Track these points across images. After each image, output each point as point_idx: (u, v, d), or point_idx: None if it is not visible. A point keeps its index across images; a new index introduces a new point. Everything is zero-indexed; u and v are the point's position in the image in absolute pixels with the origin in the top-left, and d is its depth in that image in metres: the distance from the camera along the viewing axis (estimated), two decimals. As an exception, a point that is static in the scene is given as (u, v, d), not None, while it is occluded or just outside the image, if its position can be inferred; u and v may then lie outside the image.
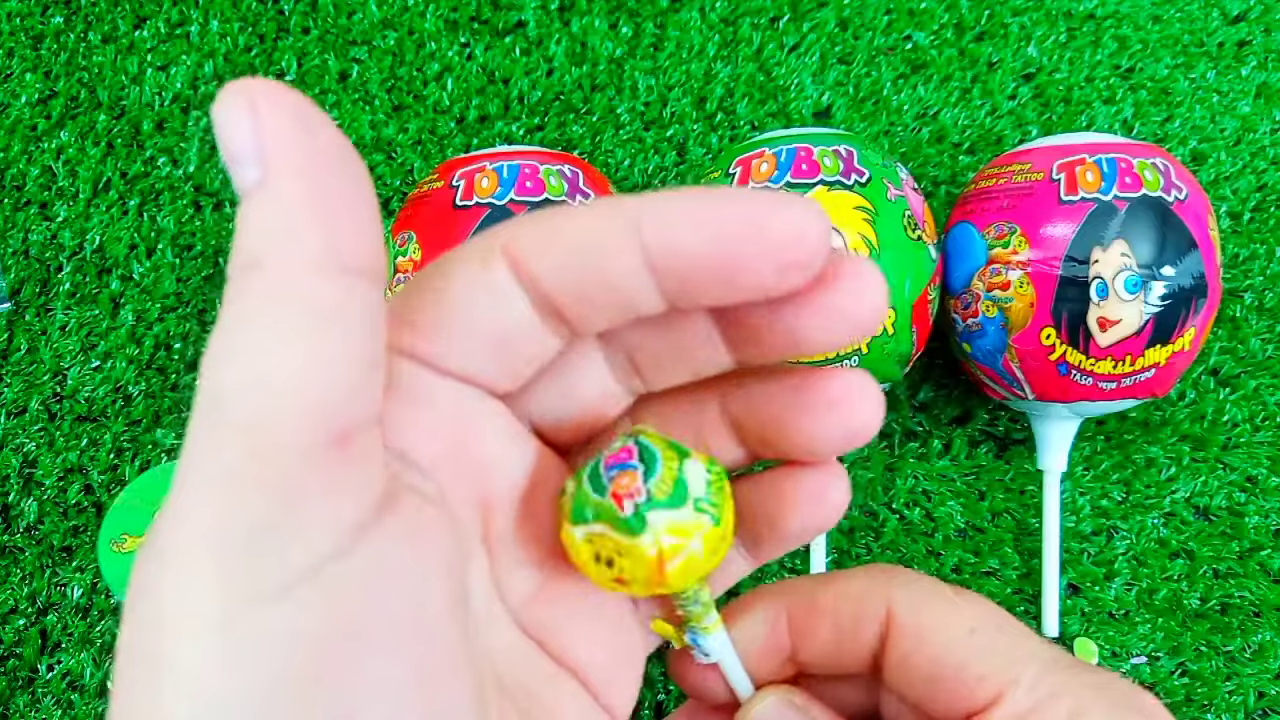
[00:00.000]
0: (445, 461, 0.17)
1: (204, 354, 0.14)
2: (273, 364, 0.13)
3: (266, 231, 0.13)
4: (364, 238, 0.14)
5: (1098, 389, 0.32)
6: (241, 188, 0.13)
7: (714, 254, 0.15)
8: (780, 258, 0.15)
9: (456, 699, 0.15)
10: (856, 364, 0.32)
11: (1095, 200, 0.31)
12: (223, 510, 0.13)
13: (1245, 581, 0.37)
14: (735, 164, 0.33)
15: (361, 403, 0.14)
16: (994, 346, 0.33)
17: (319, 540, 0.13)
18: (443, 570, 0.15)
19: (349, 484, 0.13)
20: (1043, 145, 0.34)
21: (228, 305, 0.13)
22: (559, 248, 0.16)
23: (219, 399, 0.13)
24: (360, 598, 0.13)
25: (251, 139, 0.13)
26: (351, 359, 0.13)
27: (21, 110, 0.42)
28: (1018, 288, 0.32)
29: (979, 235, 0.33)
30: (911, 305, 0.32)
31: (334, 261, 0.13)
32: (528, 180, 0.32)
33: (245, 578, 0.13)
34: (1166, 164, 0.32)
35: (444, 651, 0.15)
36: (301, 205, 0.13)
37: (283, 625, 0.13)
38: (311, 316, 0.13)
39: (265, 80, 0.13)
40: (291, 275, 0.13)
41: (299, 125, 0.13)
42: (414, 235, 0.32)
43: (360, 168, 0.14)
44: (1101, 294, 0.31)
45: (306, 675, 0.13)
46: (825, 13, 0.43)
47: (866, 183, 0.32)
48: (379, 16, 0.43)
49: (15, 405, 0.38)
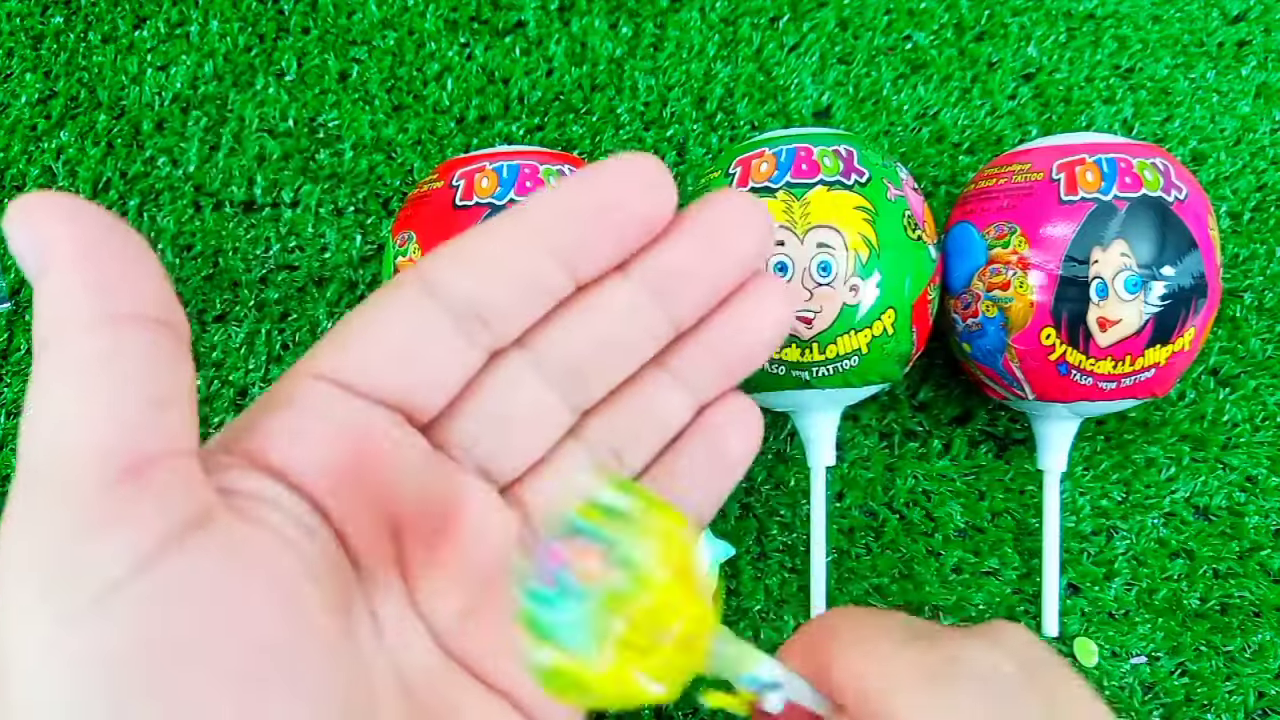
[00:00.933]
0: (342, 482, 0.17)
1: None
2: (55, 415, 0.15)
3: (49, 312, 0.15)
4: (138, 290, 0.15)
5: (1098, 389, 0.32)
6: (33, 284, 0.15)
7: (603, 238, 0.19)
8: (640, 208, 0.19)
9: (297, 709, 0.15)
10: (857, 364, 0.32)
11: (1095, 200, 0.31)
12: (33, 543, 0.14)
13: (1245, 581, 0.37)
14: (735, 164, 0.33)
15: (149, 437, 0.15)
16: (994, 346, 0.33)
17: (114, 563, 0.14)
18: (275, 586, 0.16)
19: (142, 511, 0.14)
20: (1042, 145, 0.34)
21: (29, 384, 0.15)
22: (470, 255, 0.18)
23: (25, 455, 0.15)
24: (162, 614, 0.14)
25: (31, 244, 0.15)
26: (129, 399, 0.15)
27: (21, 110, 0.42)
28: (1017, 288, 0.32)
29: (979, 235, 0.33)
30: (912, 305, 0.32)
31: (103, 316, 0.15)
32: (528, 180, 0.32)
33: (55, 601, 0.14)
34: (1166, 164, 0.32)
35: (278, 664, 0.15)
36: (72, 280, 0.15)
37: (91, 642, 0.14)
38: (83, 369, 0.15)
39: (42, 194, 0.15)
40: (66, 338, 0.15)
41: (68, 220, 0.15)
42: (414, 235, 0.32)
43: (131, 236, 0.16)
44: (1101, 294, 0.31)
45: (119, 687, 0.14)
46: (825, 13, 0.43)
47: (866, 182, 0.32)
48: (379, 16, 0.43)
49: (15, 405, 0.38)
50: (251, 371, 0.38)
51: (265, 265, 0.40)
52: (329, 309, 0.39)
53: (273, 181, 0.41)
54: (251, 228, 0.40)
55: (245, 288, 0.39)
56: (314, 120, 0.42)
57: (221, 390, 0.38)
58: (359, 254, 0.40)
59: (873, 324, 0.31)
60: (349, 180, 0.41)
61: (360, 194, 0.41)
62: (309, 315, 0.39)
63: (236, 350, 0.39)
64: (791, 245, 0.31)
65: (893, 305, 0.32)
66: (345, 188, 0.41)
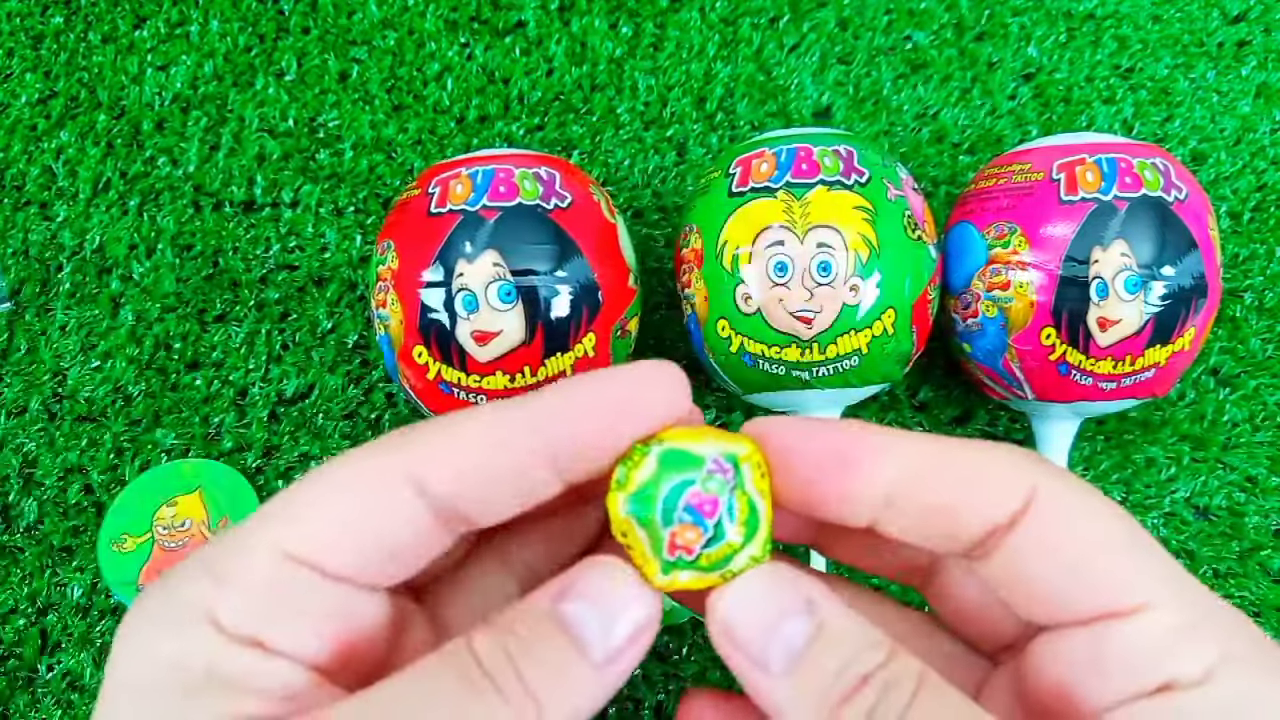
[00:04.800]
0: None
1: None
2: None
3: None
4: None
5: (1098, 389, 0.32)
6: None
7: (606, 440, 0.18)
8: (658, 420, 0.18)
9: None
10: (857, 364, 0.32)
11: (1095, 200, 0.31)
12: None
13: (1245, 581, 0.37)
14: (735, 164, 0.33)
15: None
16: (994, 346, 0.33)
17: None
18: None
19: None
20: (1042, 145, 0.34)
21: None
22: (462, 462, 0.17)
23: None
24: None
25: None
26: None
27: (21, 110, 0.42)
28: (1018, 288, 0.32)
29: (979, 235, 0.33)
30: (912, 305, 0.32)
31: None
32: (501, 185, 0.31)
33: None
34: (1166, 164, 0.32)
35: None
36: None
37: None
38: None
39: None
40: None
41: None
42: (393, 244, 0.32)
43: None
44: (1101, 294, 0.31)
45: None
46: (825, 13, 0.43)
47: (866, 183, 0.32)
48: (379, 16, 0.43)
49: (15, 405, 0.38)
50: (251, 371, 0.38)
51: (265, 265, 0.40)
52: (329, 309, 0.39)
53: (273, 181, 0.41)
54: (251, 228, 0.40)
55: (245, 288, 0.39)
56: (314, 120, 0.42)
57: (222, 390, 0.38)
58: (359, 254, 0.40)
59: (873, 324, 0.31)
60: (349, 180, 0.41)
61: (360, 194, 0.41)
62: (309, 315, 0.39)
63: (236, 350, 0.39)
64: (791, 245, 0.31)
65: (893, 305, 0.32)
66: (345, 188, 0.41)
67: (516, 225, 0.31)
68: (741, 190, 0.32)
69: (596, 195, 0.33)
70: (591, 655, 0.17)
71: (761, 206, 0.31)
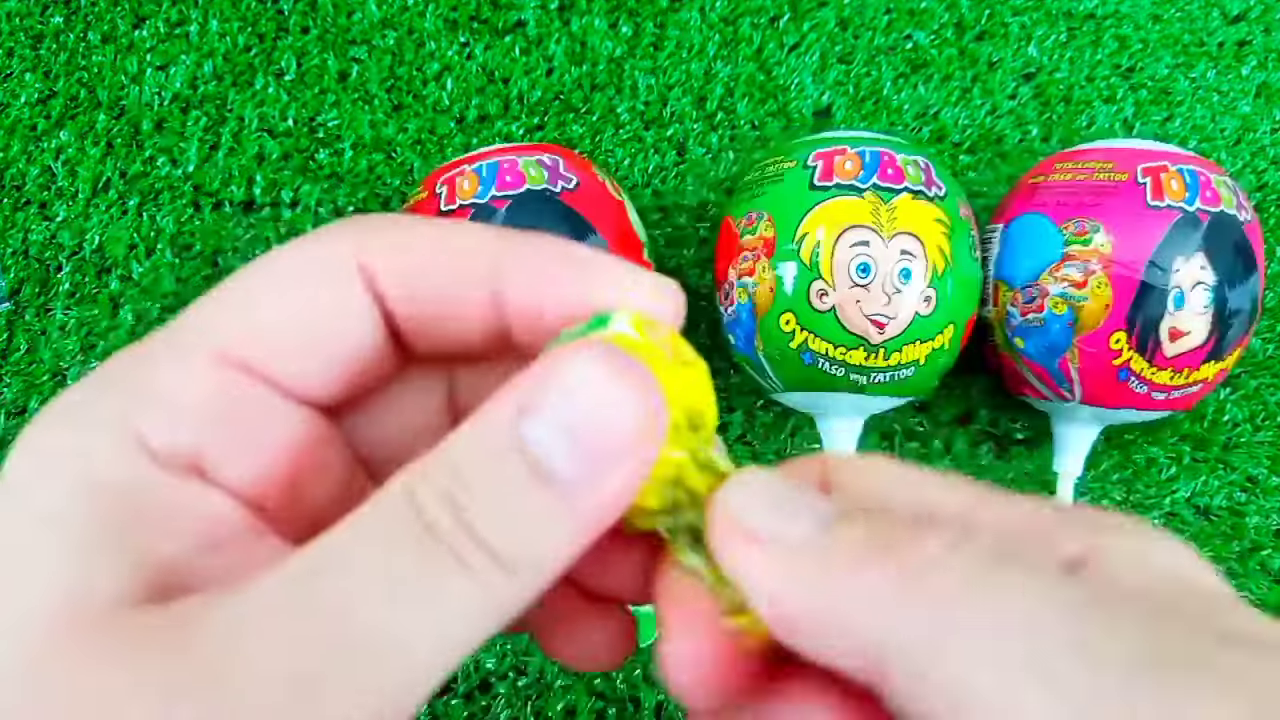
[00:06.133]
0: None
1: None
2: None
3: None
4: None
5: (1149, 398, 0.32)
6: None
7: (567, 314, 0.15)
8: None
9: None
10: (912, 374, 0.32)
11: (1180, 210, 0.31)
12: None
13: (1245, 581, 0.37)
14: (814, 157, 0.32)
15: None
16: (1055, 344, 0.32)
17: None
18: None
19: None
20: (1120, 146, 0.33)
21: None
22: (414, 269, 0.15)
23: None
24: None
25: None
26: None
27: (21, 110, 0.41)
28: (1094, 288, 0.31)
29: (1056, 229, 0.33)
30: (966, 323, 0.32)
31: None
32: (506, 175, 0.31)
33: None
34: (1234, 185, 0.32)
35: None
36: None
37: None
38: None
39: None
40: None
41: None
42: None
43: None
44: (1179, 304, 0.31)
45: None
46: (825, 12, 0.43)
47: (944, 197, 0.32)
48: (379, 16, 0.43)
49: (15, 405, 0.38)
50: (251, 371, 0.38)
51: (265, 265, 0.40)
52: (329, 309, 0.39)
53: (272, 181, 0.41)
54: (251, 228, 0.40)
55: (245, 288, 0.39)
56: (314, 120, 0.42)
57: (221, 390, 0.38)
58: (359, 254, 0.40)
59: (935, 337, 0.31)
60: (349, 180, 0.41)
61: (360, 194, 0.41)
62: (309, 315, 0.39)
63: (236, 350, 0.39)
64: (876, 247, 0.30)
65: (953, 321, 0.32)
66: (345, 188, 0.41)
67: (528, 210, 0.31)
68: (826, 184, 0.31)
69: (601, 175, 0.33)
70: (576, 503, 0.13)
71: (848, 204, 0.31)
